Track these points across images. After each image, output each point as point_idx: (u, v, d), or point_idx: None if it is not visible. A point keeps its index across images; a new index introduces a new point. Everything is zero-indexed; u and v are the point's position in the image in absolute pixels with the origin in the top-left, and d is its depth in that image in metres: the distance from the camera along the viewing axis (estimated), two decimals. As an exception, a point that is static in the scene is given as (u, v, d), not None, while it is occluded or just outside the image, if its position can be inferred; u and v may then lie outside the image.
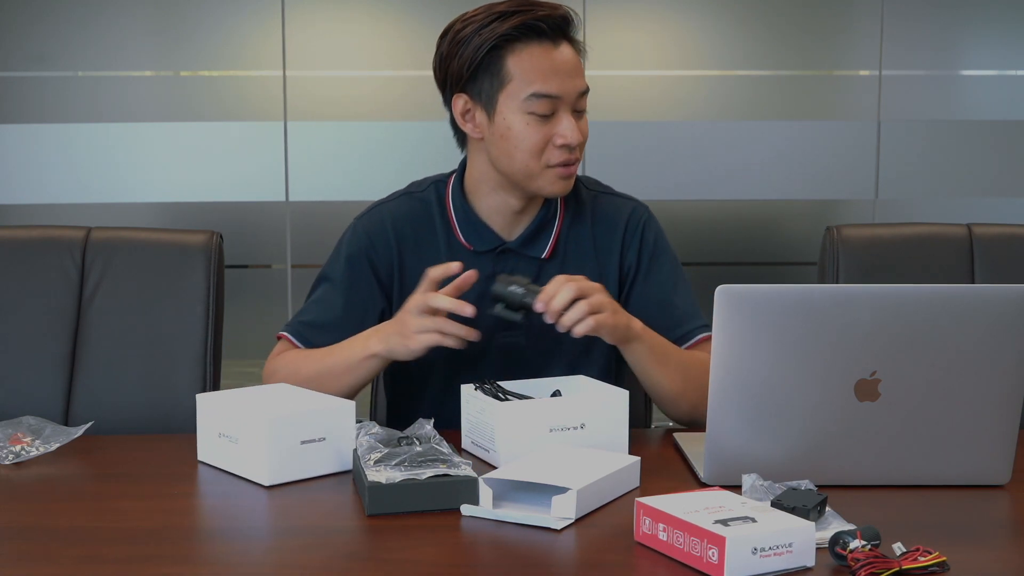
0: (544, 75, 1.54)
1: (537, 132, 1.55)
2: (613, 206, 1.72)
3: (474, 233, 1.65)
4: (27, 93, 3.41)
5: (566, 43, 1.57)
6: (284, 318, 3.48)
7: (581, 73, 1.58)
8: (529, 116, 1.55)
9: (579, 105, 1.57)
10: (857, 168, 3.53)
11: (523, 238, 1.66)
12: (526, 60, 1.54)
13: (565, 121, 1.55)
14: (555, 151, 1.56)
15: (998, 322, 1.25)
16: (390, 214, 1.68)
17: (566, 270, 1.64)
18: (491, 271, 1.62)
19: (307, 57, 3.38)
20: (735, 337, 1.25)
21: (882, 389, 1.25)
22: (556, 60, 1.54)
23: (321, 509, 1.26)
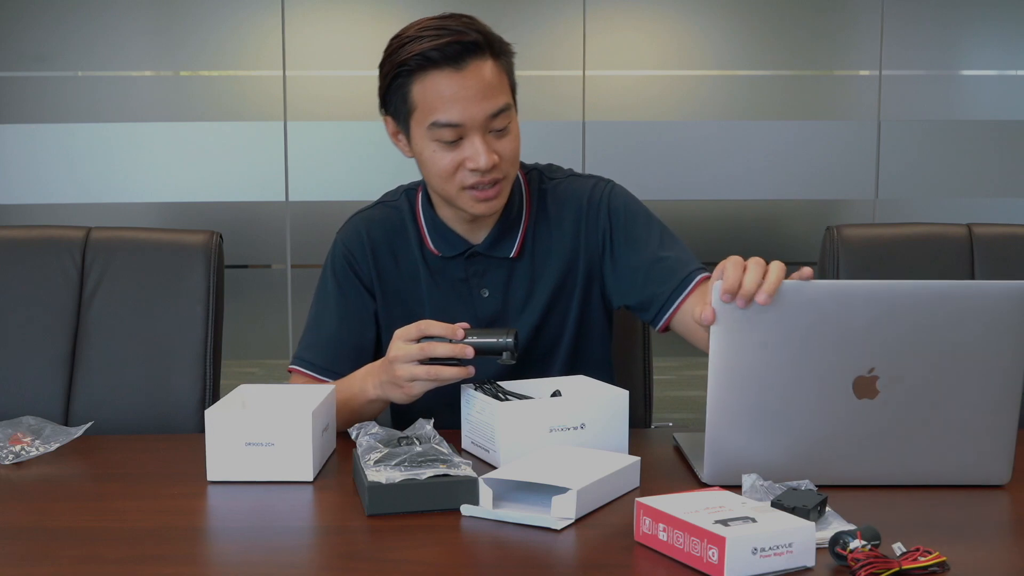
0: (444, 103, 1.50)
1: (444, 158, 1.53)
2: (573, 189, 1.69)
3: (442, 240, 1.65)
4: (27, 93, 3.42)
5: (478, 63, 1.50)
6: (284, 318, 3.49)
7: (493, 93, 1.51)
8: (435, 143, 1.53)
9: (494, 125, 1.52)
10: (857, 168, 3.54)
11: (489, 240, 1.65)
12: (427, 88, 1.50)
13: (472, 146, 1.52)
14: (467, 174, 1.53)
15: (995, 318, 1.25)
16: (364, 224, 1.70)
17: (536, 267, 1.66)
18: (463, 274, 1.65)
19: (307, 57, 3.39)
20: (733, 333, 1.26)
21: (880, 386, 1.26)
22: (456, 87, 1.49)
23: (321, 509, 1.26)
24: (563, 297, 1.68)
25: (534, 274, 1.67)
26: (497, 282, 1.66)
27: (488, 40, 1.52)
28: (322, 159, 3.43)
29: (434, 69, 1.50)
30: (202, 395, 1.78)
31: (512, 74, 1.57)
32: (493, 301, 1.66)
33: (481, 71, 1.50)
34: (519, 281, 1.66)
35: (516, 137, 1.56)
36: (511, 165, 1.56)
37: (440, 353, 1.43)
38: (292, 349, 3.47)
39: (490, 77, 1.51)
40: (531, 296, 1.66)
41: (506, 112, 1.53)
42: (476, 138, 1.51)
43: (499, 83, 1.53)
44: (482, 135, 1.52)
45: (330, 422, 1.44)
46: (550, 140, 3.37)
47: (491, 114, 1.51)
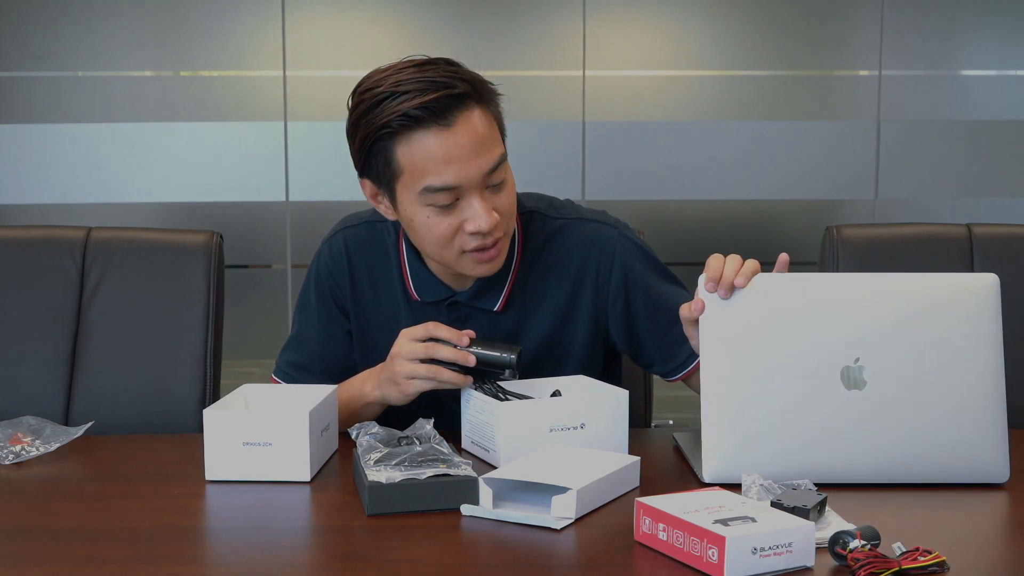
0: (436, 166, 1.37)
1: (441, 224, 1.41)
2: (579, 237, 1.57)
3: (424, 287, 1.56)
4: (27, 93, 3.42)
5: (467, 115, 1.37)
6: (284, 318, 3.49)
7: (487, 148, 1.39)
8: (429, 208, 1.41)
9: (491, 181, 1.41)
10: (857, 168, 3.54)
11: (473, 291, 1.55)
12: (414, 151, 1.37)
13: (471, 208, 1.40)
14: (467, 238, 1.42)
15: (968, 310, 1.29)
16: (347, 246, 1.61)
17: (524, 320, 1.57)
18: (445, 320, 1.52)
19: (307, 57, 3.39)
20: (722, 325, 1.28)
21: (867, 376, 1.28)
22: (449, 146, 1.36)
23: (321, 509, 1.26)
24: (559, 350, 1.58)
25: (520, 327, 1.57)
26: (479, 332, 1.51)
27: (475, 87, 1.39)
28: (322, 159, 3.43)
29: (420, 129, 1.36)
30: (202, 395, 1.78)
31: (500, 117, 1.46)
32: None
33: (471, 124, 1.38)
34: (503, 334, 1.56)
35: (512, 190, 1.46)
36: (510, 219, 1.47)
37: (443, 356, 1.41)
38: (292, 349, 3.47)
39: (482, 129, 1.39)
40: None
41: (502, 166, 1.42)
42: (475, 199, 1.40)
43: (491, 133, 1.41)
44: (480, 194, 1.40)
45: (331, 422, 1.44)
46: (550, 140, 3.37)
47: (488, 170, 1.40)
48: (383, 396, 1.49)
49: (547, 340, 1.58)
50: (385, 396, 1.49)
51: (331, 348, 1.64)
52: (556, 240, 1.58)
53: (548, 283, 1.57)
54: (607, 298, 1.57)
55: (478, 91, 1.40)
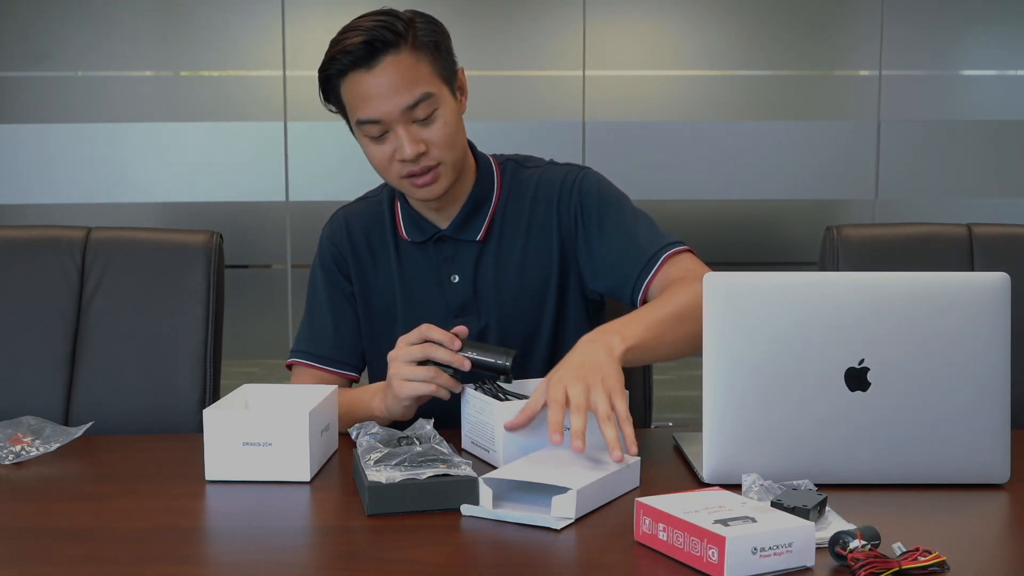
0: (362, 102, 1.55)
1: (378, 152, 1.58)
2: (548, 177, 1.71)
3: (413, 225, 1.69)
4: (27, 93, 3.42)
5: (391, 58, 1.54)
6: (284, 318, 3.49)
7: (407, 86, 1.54)
8: (366, 139, 1.59)
9: (416, 116, 1.55)
10: (857, 168, 3.54)
11: (456, 224, 1.67)
12: (348, 90, 1.57)
13: (395, 138, 1.56)
14: (398, 165, 1.58)
15: (976, 310, 1.28)
16: (345, 218, 1.75)
17: (504, 250, 1.67)
18: (434, 260, 1.68)
19: (307, 57, 3.39)
20: (724, 324, 1.27)
21: (871, 378, 1.27)
22: (371, 85, 1.54)
23: (321, 509, 1.26)
24: (536, 283, 1.67)
25: (502, 257, 1.67)
26: (466, 267, 1.67)
27: (404, 32, 1.54)
28: (322, 159, 3.43)
29: (352, 70, 1.55)
30: (202, 395, 1.78)
31: (441, 56, 1.57)
32: (463, 287, 1.66)
33: (394, 65, 1.53)
34: (487, 264, 1.67)
35: (447, 123, 1.57)
36: (444, 151, 1.57)
37: (439, 358, 1.44)
38: (292, 349, 3.47)
39: (403, 70, 1.54)
40: (500, 280, 1.67)
41: (427, 101, 1.55)
42: (399, 129, 1.55)
43: (414, 74, 1.54)
44: (404, 126, 1.55)
45: (331, 422, 1.44)
46: (550, 140, 3.37)
47: (407, 106, 1.54)
48: (388, 410, 1.50)
49: (526, 269, 1.68)
50: (390, 410, 1.50)
51: (340, 316, 1.72)
52: (531, 181, 1.71)
53: (524, 216, 1.69)
54: (572, 225, 1.68)
55: (407, 37, 1.55)
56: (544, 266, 1.68)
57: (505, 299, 1.67)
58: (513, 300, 1.67)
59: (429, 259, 1.68)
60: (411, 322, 1.56)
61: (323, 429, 1.39)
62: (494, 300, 1.67)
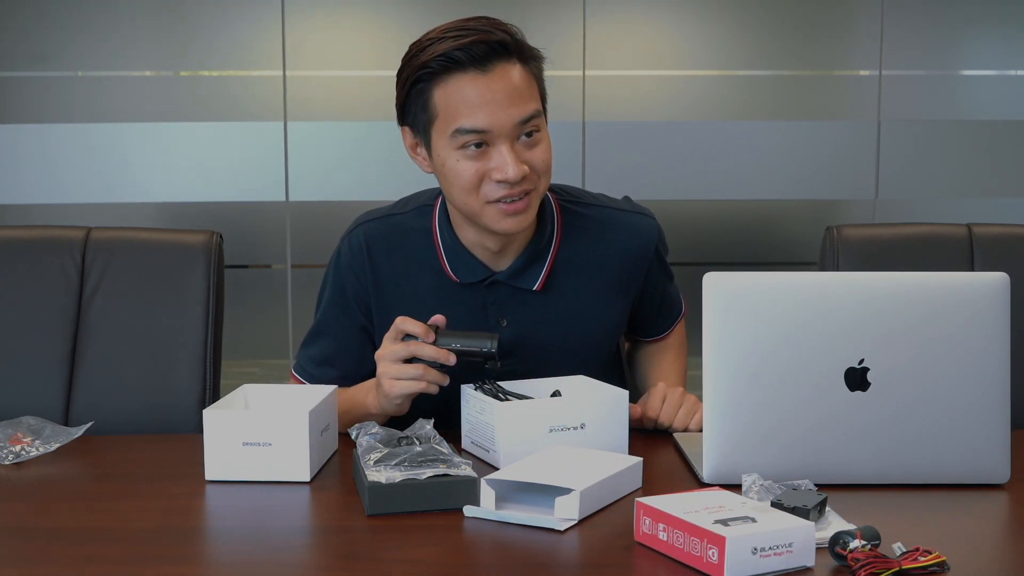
0: (469, 108, 1.41)
1: (469, 168, 1.44)
2: (620, 224, 1.62)
3: (461, 265, 1.56)
4: (27, 93, 3.41)
5: (505, 66, 1.42)
6: (284, 318, 3.49)
7: (522, 99, 1.43)
8: (459, 152, 1.44)
9: (523, 131, 1.44)
10: (857, 168, 3.54)
11: (513, 269, 1.56)
12: (450, 92, 1.42)
13: (499, 155, 1.43)
14: (493, 186, 1.44)
15: (976, 310, 1.28)
16: (367, 243, 1.60)
17: (563, 301, 1.59)
18: (481, 302, 1.57)
19: (307, 57, 3.39)
20: (724, 324, 1.28)
21: (871, 378, 1.27)
22: (483, 90, 1.40)
23: (321, 509, 1.26)
24: (594, 335, 1.63)
25: (558, 309, 1.59)
26: (518, 313, 1.57)
27: (516, 43, 1.45)
28: (322, 159, 3.43)
29: (458, 71, 1.41)
30: (202, 395, 1.78)
31: (542, 81, 1.50)
32: (511, 331, 1.57)
33: (509, 74, 1.43)
34: (541, 315, 1.58)
35: (548, 147, 1.48)
36: (542, 177, 1.48)
37: (425, 355, 1.41)
38: (292, 349, 3.47)
39: (519, 81, 1.43)
40: (554, 330, 1.59)
41: (536, 119, 1.45)
42: (504, 146, 1.43)
43: (528, 88, 1.44)
44: (510, 143, 1.43)
45: (331, 422, 1.44)
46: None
47: (520, 120, 1.43)
48: (381, 408, 1.49)
49: (584, 321, 1.61)
50: (383, 408, 1.48)
51: (349, 345, 1.63)
52: (596, 225, 1.61)
53: (587, 265, 1.60)
54: (642, 283, 1.66)
55: (519, 47, 1.45)
56: (605, 315, 1.63)
57: (556, 347, 1.59)
58: (566, 347, 1.59)
59: (476, 300, 1.56)
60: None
61: (323, 429, 1.39)
62: (542, 348, 1.58)
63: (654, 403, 1.55)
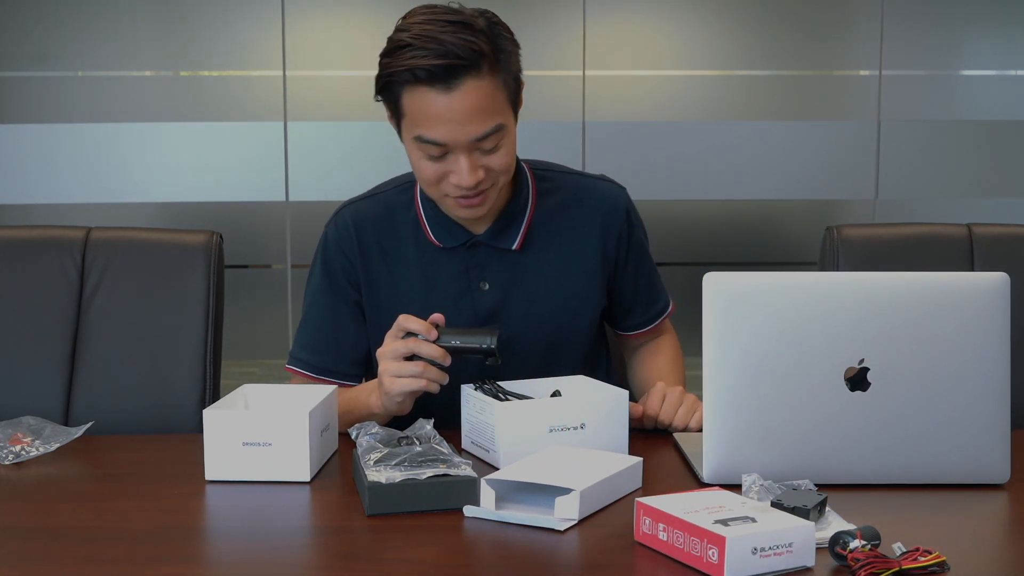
0: (430, 121, 1.45)
1: (429, 167, 1.50)
2: (591, 190, 1.69)
3: (443, 229, 1.62)
4: (27, 93, 3.41)
5: (471, 83, 1.43)
6: (284, 318, 3.49)
7: (483, 116, 1.45)
8: (420, 153, 1.49)
9: (482, 146, 1.48)
10: (857, 168, 3.54)
11: (492, 231, 1.62)
12: (415, 102, 1.46)
13: (456, 163, 1.48)
14: (450, 186, 1.50)
15: (976, 310, 1.28)
16: (352, 217, 1.66)
17: (540, 260, 1.64)
18: (464, 267, 1.62)
19: (307, 57, 3.39)
20: (724, 324, 1.28)
21: (871, 378, 1.27)
22: (444, 108, 1.43)
23: (321, 509, 1.26)
24: (574, 293, 1.67)
25: (536, 268, 1.65)
26: (498, 275, 1.63)
27: (487, 53, 1.44)
28: (322, 159, 3.42)
29: (424, 85, 1.44)
30: (202, 395, 1.78)
31: (515, 81, 1.51)
32: (493, 295, 1.63)
33: (474, 92, 1.44)
34: (521, 274, 1.64)
35: (508, 152, 1.51)
36: (501, 175, 1.53)
37: (424, 352, 1.42)
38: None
39: (482, 98, 1.45)
40: (535, 290, 1.64)
41: (497, 133, 1.48)
42: (462, 157, 1.47)
43: (491, 104, 1.47)
44: (468, 154, 1.48)
45: (331, 422, 1.44)
46: (550, 140, 3.36)
47: (477, 138, 1.46)
48: (384, 407, 1.50)
49: (564, 280, 1.66)
50: (385, 407, 1.49)
51: (339, 325, 1.67)
52: (568, 190, 1.68)
53: (562, 226, 1.66)
54: (616, 253, 1.69)
55: (490, 61, 1.45)
56: (583, 279, 1.67)
57: (538, 309, 1.64)
58: (548, 310, 1.65)
59: (457, 264, 1.62)
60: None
61: (323, 429, 1.39)
62: (524, 310, 1.64)
63: (654, 402, 1.56)
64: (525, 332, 1.63)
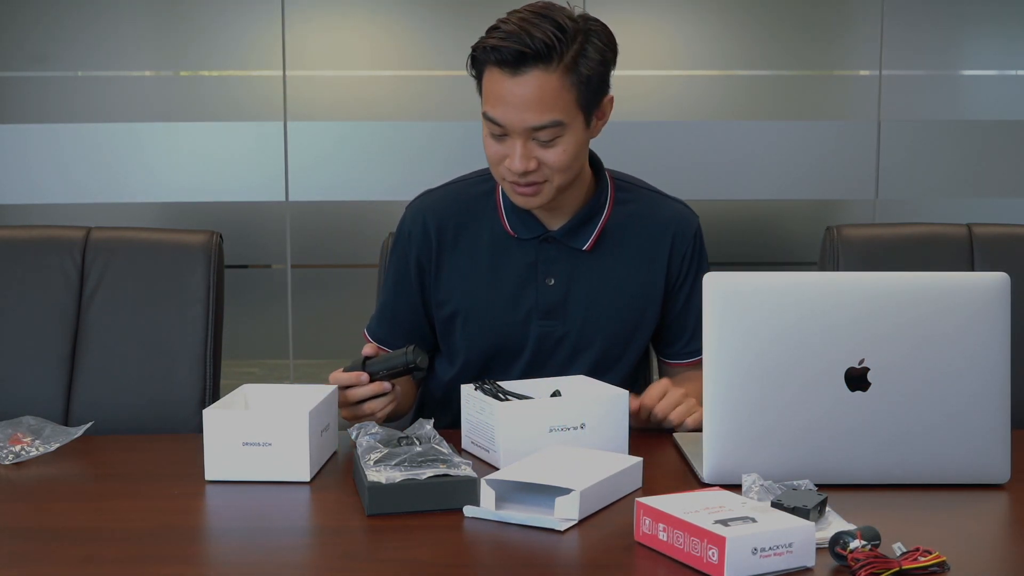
0: (494, 100, 1.53)
1: (493, 146, 1.57)
2: (669, 208, 1.73)
3: (519, 221, 1.67)
4: (27, 93, 3.41)
5: (537, 73, 1.50)
6: (284, 318, 3.49)
7: (540, 107, 1.51)
8: (487, 129, 1.57)
9: (539, 136, 1.54)
10: (857, 168, 3.53)
11: (567, 228, 1.66)
12: (489, 81, 1.54)
13: (513, 148, 1.55)
14: (505, 169, 1.57)
15: (976, 310, 1.28)
16: (432, 206, 1.72)
17: (607, 265, 1.67)
18: (532, 259, 1.67)
19: (307, 57, 3.38)
20: (724, 324, 1.28)
21: (871, 378, 1.27)
22: (507, 91, 1.51)
23: (320, 509, 1.26)
24: (635, 305, 1.69)
25: (603, 271, 1.68)
26: (565, 272, 1.67)
27: (563, 52, 1.50)
28: (322, 159, 3.42)
29: (497, 66, 1.52)
30: (202, 395, 1.78)
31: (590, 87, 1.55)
32: (557, 291, 1.67)
33: (537, 82, 1.51)
34: (587, 275, 1.67)
35: (566, 151, 1.56)
36: (556, 173, 1.57)
37: (359, 395, 1.51)
38: (292, 349, 3.47)
39: (544, 91, 1.51)
40: (598, 292, 1.67)
41: (554, 127, 1.53)
42: (517, 142, 1.54)
43: (555, 98, 1.52)
44: (523, 141, 1.53)
45: (331, 422, 1.44)
46: (550, 140, 3.36)
47: (531, 127, 1.52)
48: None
49: (628, 288, 1.69)
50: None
51: (403, 307, 1.75)
52: (643, 204, 1.73)
53: (634, 236, 1.70)
54: (678, 273, 1.72)
55: (563, 58, 1.51)
56: (647, 292, 1.70)
57: (598, 312, 1.67)
58: (606, 315, 1.68)
59: (528, 256, 1.67)
60: (490, 316, 1.65)
61: (323, 429, 1.39)
62: (584, 311, 1.67)
63: (652, 394, 1.56)
64: (582, 333, 1.67)
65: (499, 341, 1.68)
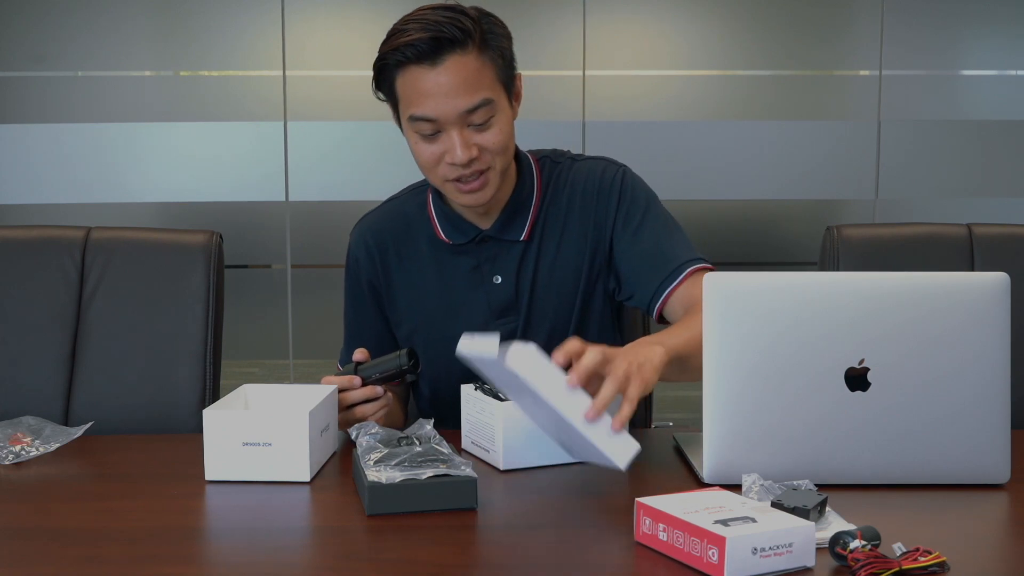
0: (420, 98, 1.51)
1: (426, 150, 1.55)
2: (586, 171, 1.70)
3: (452, 227, 1.67)
4: (27, 93, 3.42)
5: (456, 58, 1.50)
6: (284, 318, 3.49)
7: (469, 89, 1.50)
8: (417, 135, 1.55)
9: (473, 120, 1.52)
10: (857, 168, 3.54)
11: (499, 224, 1.66)
12: (406, 83, 1.53)
13: (448, 140, 1.53)
14: (447, 167, 1.55)
15: (976, 310, 1.28)
16: (369, 227, 1.73)
17: (547, 248, 1.66)
18: (475, 262, 1.66)
19: (307, 57, 3.39)
20: (724, 324, 1.27)
21: (871, 379, 1.27)
22: (432, 83, 1.50)
23: (320, 509, 1.26)
24: (568, 280, 1.68)
25: (545, 257, 1.67)
26: (509, 267, 1.66)
27: (473, 32, 1.51)
28: (322, 159, 3.43)
29: (412, 64, 1.50)
30: (202, 395, 1.78)
31: (504, 62, 1.55)
32: (506, 287, 1.66)
33: (459, 66, 1.50)
34: (530, 264, 1.67)
35: (501, 130, 1.55)
36: (497, 156, 1.56)
37: (356, 398, 1.50)
38: (292, 349, 3.47)
39: (468, 72, 1.51)
40: (537, 279, 1.67)
41: (486, 107, 1.52)
42: (453, 132, 1.52)
43: (478, 78, 1.51)
44: (459, 129, 1.52)
45: (331, 422, 1.44)
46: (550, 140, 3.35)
47: (465, 110, 1.51)
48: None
49: (559, 266, 1.67)
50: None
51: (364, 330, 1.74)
52: (569, 177, 1.70)
53: (567, 214, 1.68)
54: (613, 224, 1.67)
55: (475, 36, 1.51)
56: (577, 263, 1.67)
57: (538, 297, 1.67)
58: (544, 298, 1.67)
59: (469, 260, 1.67)
60: (451, 325, 1.61)
61: (323, 429, 1.39)
62: (538, 300, 1.67)
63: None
64: (542, 321, 1.67)
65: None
